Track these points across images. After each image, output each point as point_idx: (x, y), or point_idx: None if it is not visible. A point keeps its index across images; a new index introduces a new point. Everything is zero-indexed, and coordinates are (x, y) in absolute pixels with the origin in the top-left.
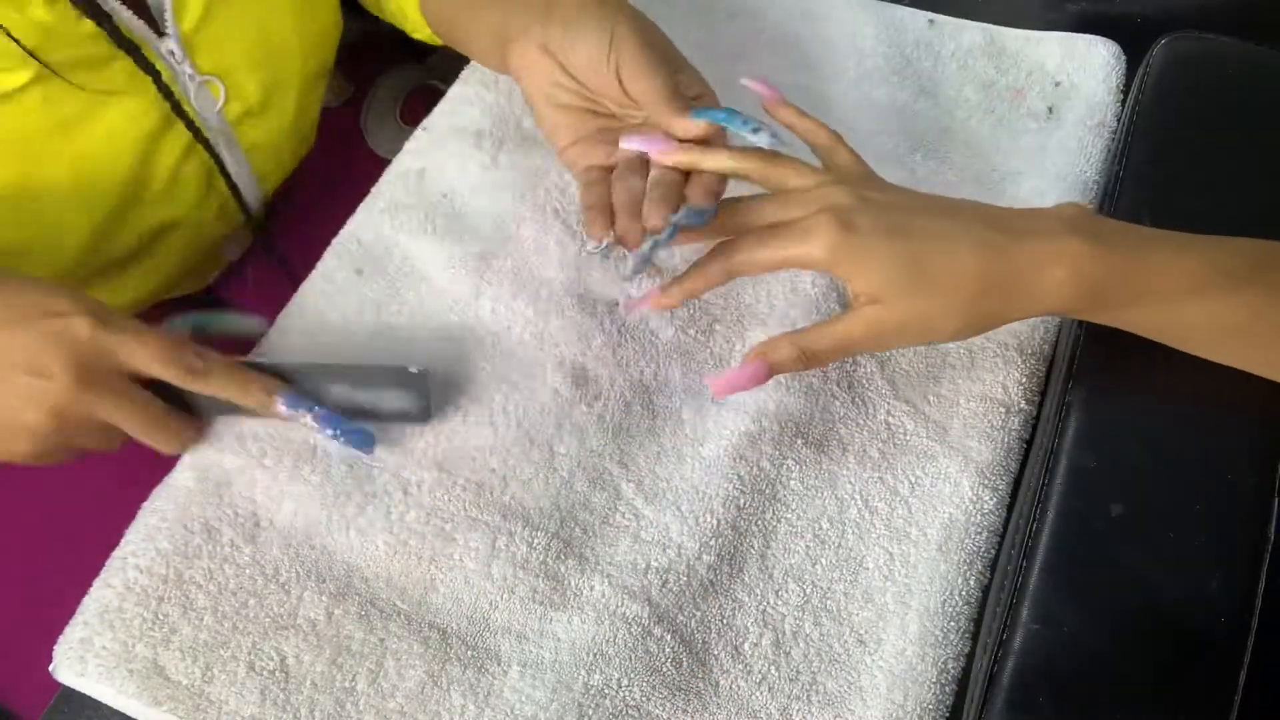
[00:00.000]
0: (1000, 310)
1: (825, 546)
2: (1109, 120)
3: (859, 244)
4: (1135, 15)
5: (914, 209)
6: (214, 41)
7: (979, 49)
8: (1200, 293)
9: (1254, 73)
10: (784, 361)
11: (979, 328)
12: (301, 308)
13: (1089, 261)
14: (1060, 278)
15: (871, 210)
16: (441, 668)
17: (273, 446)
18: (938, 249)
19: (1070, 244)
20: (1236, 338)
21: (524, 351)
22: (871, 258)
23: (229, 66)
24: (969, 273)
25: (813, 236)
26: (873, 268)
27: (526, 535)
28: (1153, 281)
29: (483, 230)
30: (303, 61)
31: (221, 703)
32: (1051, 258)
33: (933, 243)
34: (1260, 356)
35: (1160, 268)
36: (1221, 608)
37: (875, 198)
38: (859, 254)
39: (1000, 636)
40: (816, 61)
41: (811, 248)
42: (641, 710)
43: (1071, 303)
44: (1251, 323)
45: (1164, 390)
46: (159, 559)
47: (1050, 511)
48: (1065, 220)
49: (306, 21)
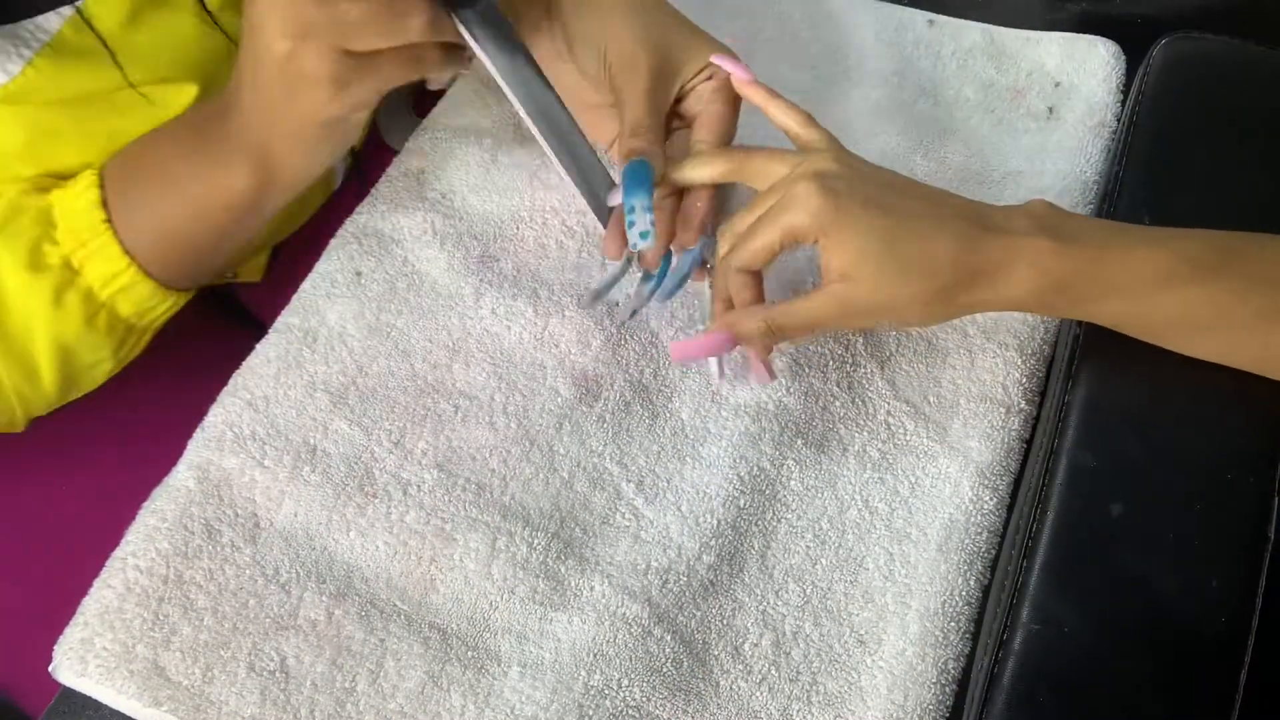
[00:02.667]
0: (967, 301)
1: (825, 547)
2: (1109, 120)
3: (841, 209)
4: (1135, 15)
5: (893, 187)
6: None
7: (979, 49)
8: (1171, 285)
9: (1254, 73)
10: (750, 333)
11: (945, 315)
12: (302, 307)
13: (1053, 257)
14: (1025, 274)
15: (853, 178)
16: (441, 668)
17: (273, 446)
18: (913, 232)
19: (1036, 241)
20: (1210, 329)
21: (524, 351)
22: (850, 227)
23: None
24: (940, 260)
25: (797, 203)
26: (850, 238)
27: (526, 535)
28: (1121, 275)
29: (483, 230)
30: None
31: (222, 703)
32: (1017, 254)
33: (909, 225)
34: (1235, 347)
35: (1129, 261)
36: (1221, 608)
37: (856, 165)
38: (840, 221)
39: (1000, 636)
40: (816, 61)
41: (796, 215)
42: (642, 710)
43: (1038, 297)
44: (1223, 313)
45: (1164, 390)
46: (159, 559)
47: (1050, 511)
48: (1032, 217)
49: None
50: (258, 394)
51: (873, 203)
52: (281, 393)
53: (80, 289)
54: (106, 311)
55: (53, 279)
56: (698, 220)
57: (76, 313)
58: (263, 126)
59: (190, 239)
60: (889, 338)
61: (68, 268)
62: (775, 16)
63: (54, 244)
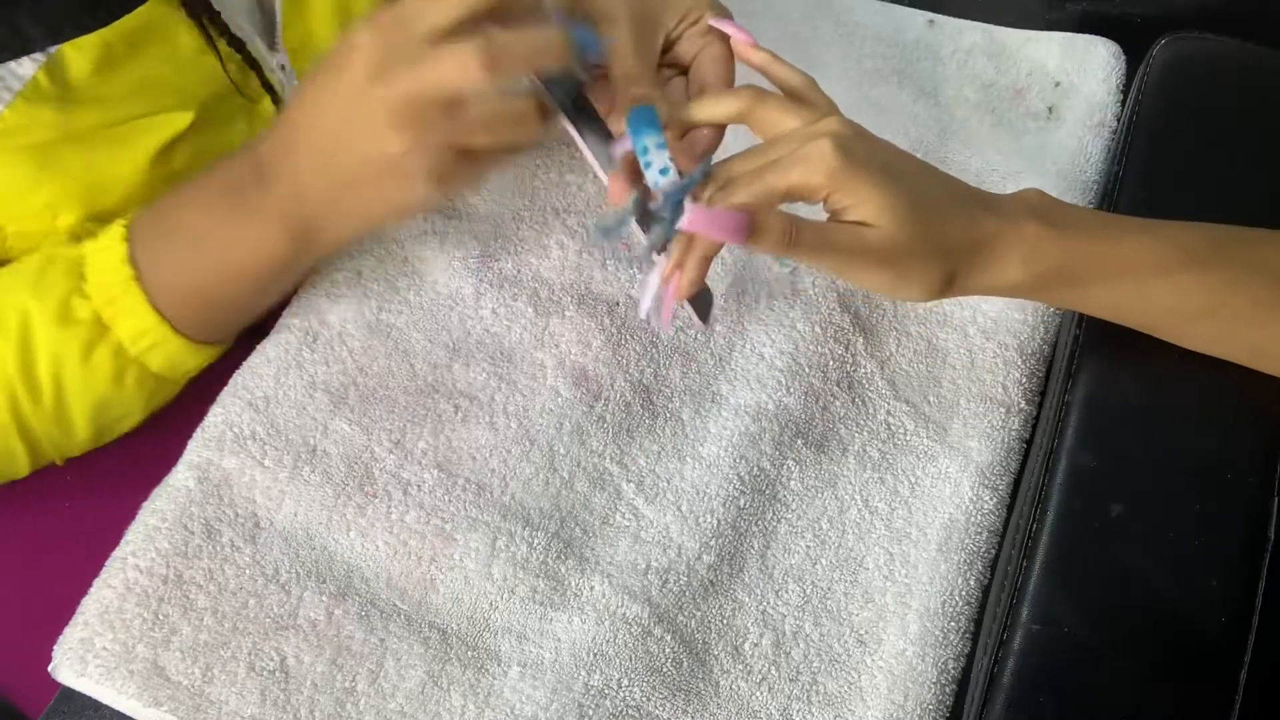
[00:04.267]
0: (965, 277)
1: (825, 547)
2: (1109, 120)
3: (858, 170)
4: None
5: (903, 156)
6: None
7: (979, 49)
8: (1164, 274)
9: (1254, 73)
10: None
11: (944, 289)
12: (302, 308)
13: (1046, 242)
14: (1018, 257)
15: (868, 142)
16: (441, 668)
17: (273, 446)
18: (928, 196)
19: (1028, 226)
20: (1205, 319)
21: (524, 351)
22: (870, 185)
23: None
24: (952, 228)
25: (811, 160)
26: (872, 196)
27: (526, 535)
28: (1114, 263)
29: (483, 230)
30: None
31: (221, 703)
32: (1012, 236)
33: (921, 193)
34: (1230, 338)
35: (1122, 248)
36: (1221, 608)
37: (867, 133)
38: (858, 179)
39: (1000, 636)
40: (816, 61)
41: (810, 171)
42: (642, 710)
43: (1031, 282)
44: (1219, 302)
45: (1164, 390)
46: (159, 559)
47: (1050, 511)
48: (1026, 204)
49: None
50: (258, 394)
51: (889, 168)
52: (282, 393)
53: (110, 344)
54: (136, 367)
55: (82, 334)
56: (701, 150)
57: (106, 368)
58: (321, 203)
59: (222, 298)
60: (889, 338)
61: (98, 323)
62: (775, 16)
63: (84, 298)
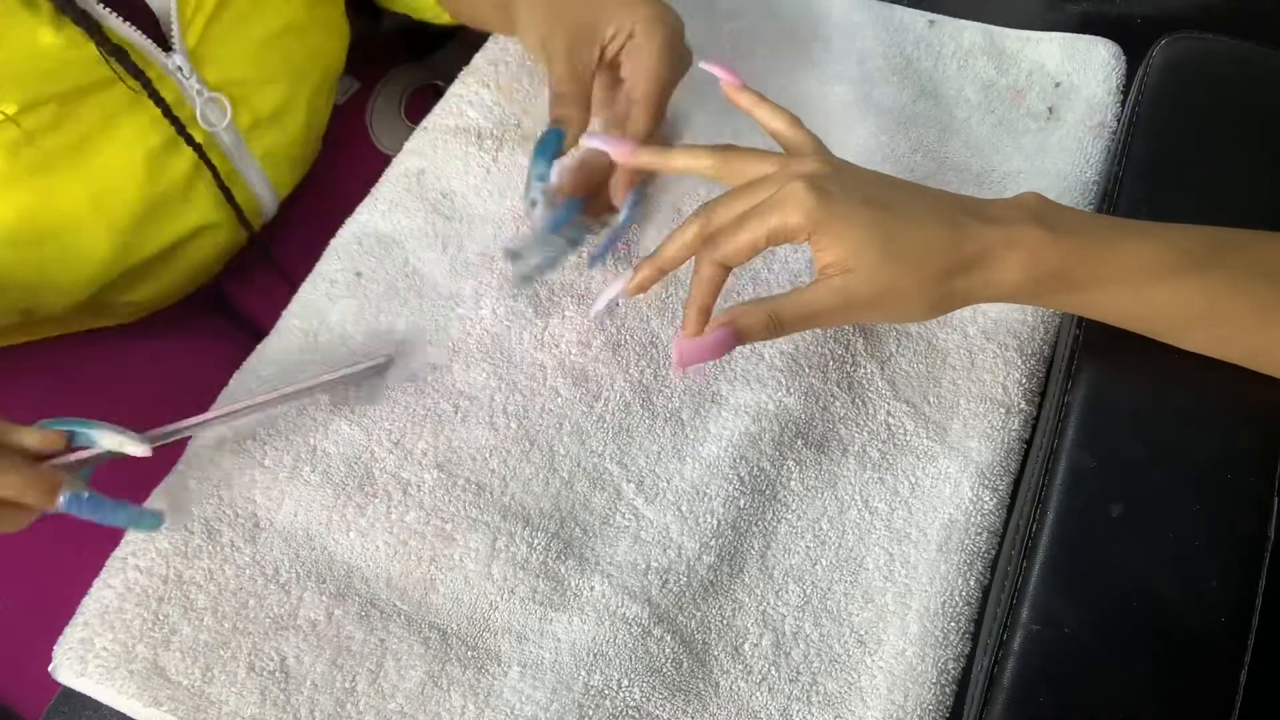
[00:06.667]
0: (963, 291)
1: (825, 547)
2: (1109, 120)
3: (835, 208)
4: (1135, 15)
5: (883, 183)
6: (220, 54)
7: (979, 49)
8: (1163, 277)
9: (1254, 73)
10: (752, 327)
11: (944, 307)
12: (302, 308)
13: (1044, 246)
14: (1016, 262)
15: (844, 179)
16: (441, 668)
17: (273, 446)
18: (908, 221)
19: (1028, 230)
20: (1203, 322)
21: (524, 351)
22: (848, 223)
23: (237, 77)
24: (935, 246)
25: (788, 204)
26: (849, 233)
27: (526, 536)
28: (1113, 265)
29: (483, 231)
30: (311, 68)
31: (221, 703)
32: (1009, 241)
33: (903, 216)
34: (1229, 340)
35: (1120, 251)
36: (1221, 608)
37: (843, 167)
38: (835, 219)
39: (1000, 636)
40: (816, 61)
41: (788, 215)
42: (642, 711)
43: (1030, 286)
44: (1217, 306)
45: (1164, 391)
46: (159, 559)
47: (1050, 511)
48: (1025, 208)
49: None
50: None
51: (866, 199)
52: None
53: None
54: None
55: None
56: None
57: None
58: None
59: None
60: (889, 338)
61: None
62: (774, 17)
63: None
